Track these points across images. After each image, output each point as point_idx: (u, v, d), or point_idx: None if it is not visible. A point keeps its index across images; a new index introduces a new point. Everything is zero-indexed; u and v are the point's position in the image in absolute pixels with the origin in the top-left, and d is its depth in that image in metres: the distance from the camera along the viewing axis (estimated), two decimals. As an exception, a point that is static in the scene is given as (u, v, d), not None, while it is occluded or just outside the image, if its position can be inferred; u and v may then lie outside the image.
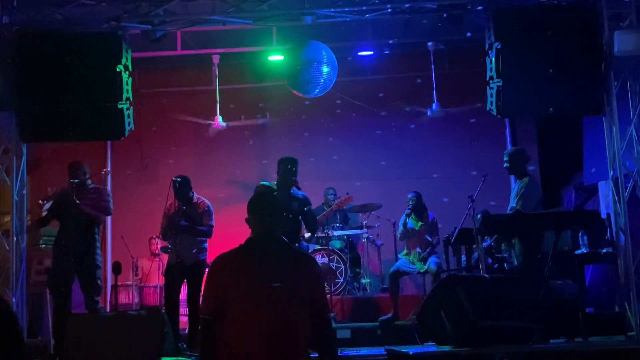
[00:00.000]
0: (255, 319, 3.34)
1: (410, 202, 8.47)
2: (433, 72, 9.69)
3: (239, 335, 3.36)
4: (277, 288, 3.37)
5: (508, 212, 7.04)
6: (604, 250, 7.09)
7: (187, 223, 7.16)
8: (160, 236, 7.84)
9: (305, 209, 6.92)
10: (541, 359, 5.50)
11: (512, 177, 7.76)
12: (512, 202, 7.03)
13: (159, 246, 9.06)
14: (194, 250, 7.21)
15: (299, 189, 7.00)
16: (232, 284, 3.40)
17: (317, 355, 3.55)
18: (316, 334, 3.49)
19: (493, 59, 6.75)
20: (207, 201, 7.40)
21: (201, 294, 3.63)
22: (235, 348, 3.36)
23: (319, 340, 3.52)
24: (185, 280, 7.19)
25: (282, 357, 3.34)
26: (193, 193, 7.38)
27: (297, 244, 6.80)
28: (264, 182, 6.94)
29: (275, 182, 6.98)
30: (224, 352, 3.42)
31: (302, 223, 7.01)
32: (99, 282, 7.02)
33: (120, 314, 6.76)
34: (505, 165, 7.11)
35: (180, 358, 6.28)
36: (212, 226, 7.30)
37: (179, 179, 7.30)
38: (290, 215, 6.72)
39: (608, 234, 7.24)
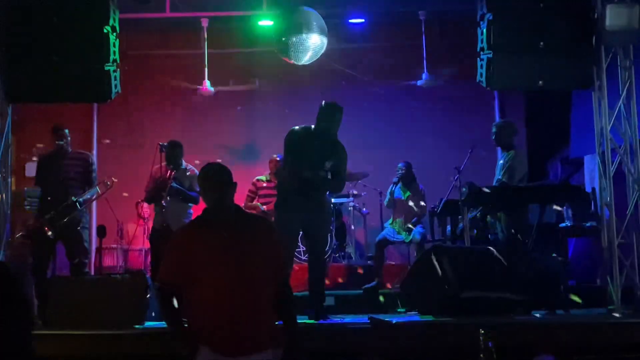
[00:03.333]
0: (221, 287, 3.47)
1: (400, 172, 8.50)
2: (424, 41, 9.63)
3: (208, 303, 3.50)
4: (241, 254, 3.52)
5: (494, 184, 7.07)
6: (588, 224, 7.15)
7: (178, 185, 7.17)
8: (145, 200, 7.82)
9: (340, 164, 6.35)
10: (523, 331, 5.54)
11: (498, 150, 7.77)
12: (498, 174, 7.06)
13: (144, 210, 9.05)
14: (181, 216, 7.21)
15: None
16: (195, 255, 3.53)
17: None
18: (275, 294, 3.64)
19: (484, 30, 6.71)
20: (195, 169, 7.40)
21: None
22: (204, 316, 3.51)
23: (278, 300, 3.65)
24: None
25: (250, 321, 3.48)
26: (183, 160, 7.41)
27: (323, 196, 6.46)
28: (296, 127, 6.34)
29: (311, 126, 6.30)
30: (192, 320, 3.58)
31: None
32: (85, 244, 7.03)
33: (104, 277, 6.77)
34: (492, 136, 7.14)
35: (164, 322, 6.29)
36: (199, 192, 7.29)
37: (171, 143, 7.31)
38: (323, 173, 6.26)
39: (592, 208, 7.30)
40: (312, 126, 6.36)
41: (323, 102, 6.40)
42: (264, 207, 8.43)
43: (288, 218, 6.16)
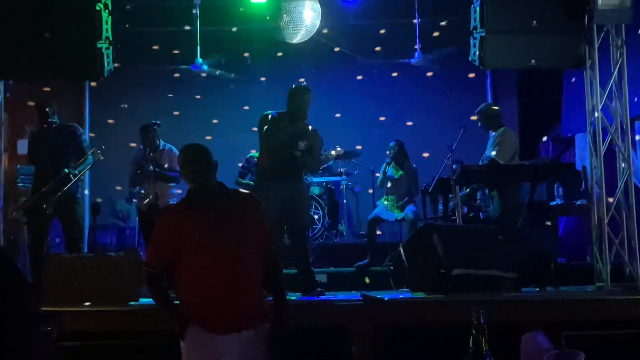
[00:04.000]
0: (210, 267, 3.52)
1: (392, 151, 8.53)
2: (417, 20, 9.61)
3: (197, 282, 3.54)
4: (228, 233, 3.55)
5: (483, 161, 7.11)
6: (579, 202, 7.20)
7: (157, 169, 7.19)
8: (130, 185, 7.85)
9: (314, 145, 6.49)
10: (513, 307, 5.61)
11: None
12: (487, 152, 7.10)
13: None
14: (166, 196, 7.25)
15: None
16: (182, 238, 3.55)
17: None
18: (265, 265, 3.68)
19: (477, 9, 6.70)
20: (173, 148, 7.42)
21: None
22: (194, 295, 3.56)
23: (267, 275, 3.69)
24: None
25: (239, 298, 3.53)
26: (160, 140, 7.41)
27: (301, 177, 6.62)
28: (269, 112, 6.50)
29: (283, 111, 6.48)
30: (182, 299, 3.63)
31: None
32: (80, 220, 7.06)
33: (99, 254, 6.78)
34: (479, 124, 7.22)
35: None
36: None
37: (142, 126, 7.32)
38: (298, 153, 6.35)
39: (583, 186, 7.36)
40: (284, 111, 6.49)
41: (292, 86, 6.57)
42: None
43: (266, 199, 6.19)
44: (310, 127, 6.53)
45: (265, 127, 6.38)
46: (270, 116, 6.43)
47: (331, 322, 5.49)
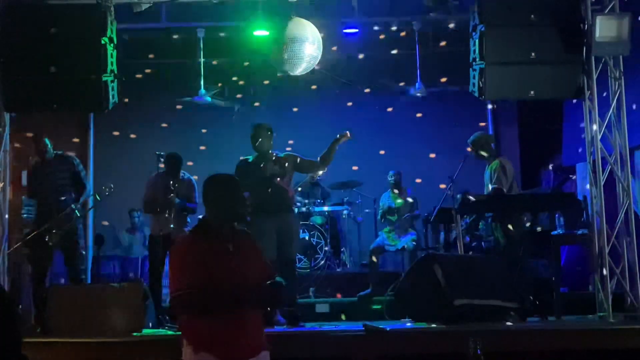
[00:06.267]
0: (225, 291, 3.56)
1: (391, 181, 8.58)
2: (417, 51, 9.72)
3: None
4: (239, 264, 3.66)
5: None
6: (580, 232, 7.22)
7: (181, 200, 7.25)
8: (144, 211, 7.86)
9: (296, 162, 6.84)
10: (515, 337, 5.62)
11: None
12: (488, 185, 7.13)
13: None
14: (181, 224, 7.30)
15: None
16: (202, 263, 3.60)
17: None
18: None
19: (477, 41, 6.79)
20: (192, 178, 7.49)
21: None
22: (205, 322, 3.59)
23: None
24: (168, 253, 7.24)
25: (246, 326, 3.63)
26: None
27: (289, 209, 6.89)
28: (245, 157, 6.88)
29: (253, 155, 6.83)
30: (192, 327, 3.66)
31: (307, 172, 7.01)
32: (82, 251, 7.09)
33: (102, 285, 6.83)
34: (472, 154, 7.27)
35: (161, 330, 6.36)
36: (197, 203, 7.38)
37: (171, 156, 7.38)
38: (278, 179, 6.66)
39: (584, 216, 7.38)
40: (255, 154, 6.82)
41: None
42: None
43: (261, 233, 6.36)
44: (279, 153, 6.84)
45: (243, 170, 6.68)
46: (246, 160, 6.82)
47: (334, 353, 5.50)
